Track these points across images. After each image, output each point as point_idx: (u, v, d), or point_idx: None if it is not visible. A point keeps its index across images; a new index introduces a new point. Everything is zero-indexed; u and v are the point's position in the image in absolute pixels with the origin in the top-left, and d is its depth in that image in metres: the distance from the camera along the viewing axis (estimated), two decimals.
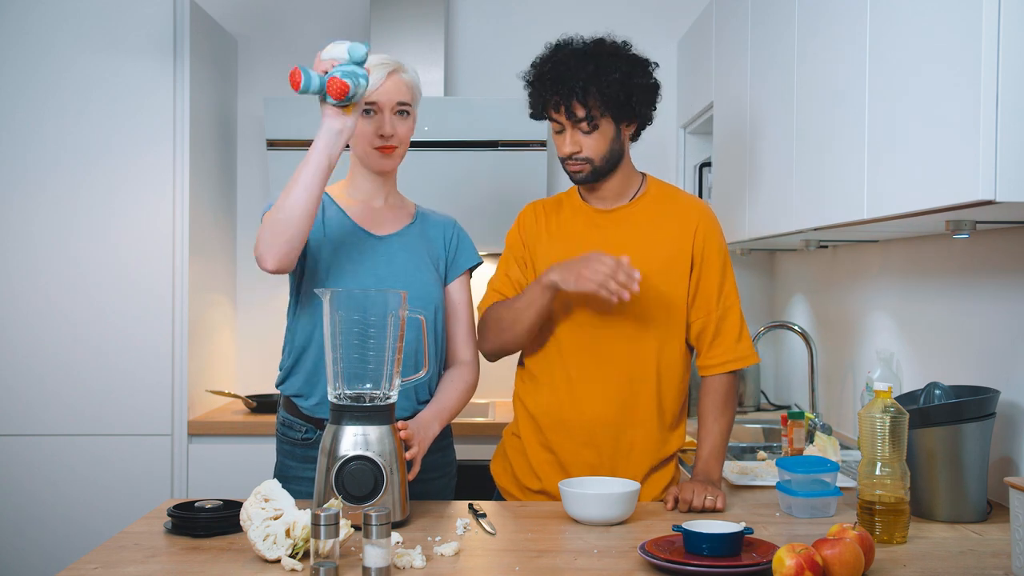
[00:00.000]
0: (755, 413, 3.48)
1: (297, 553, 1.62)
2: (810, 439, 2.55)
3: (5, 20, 3.15)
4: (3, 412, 3.15)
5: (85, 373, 3.16)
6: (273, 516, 1.63)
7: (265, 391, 3.56)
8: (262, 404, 3.37)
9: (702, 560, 1.55)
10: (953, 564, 1.62)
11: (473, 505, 1.98)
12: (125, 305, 3.18)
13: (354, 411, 1.81)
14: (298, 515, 1.63)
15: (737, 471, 2.31)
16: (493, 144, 3.35)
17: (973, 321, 2.18)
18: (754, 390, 3.54)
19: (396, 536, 1.70)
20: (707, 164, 3.48)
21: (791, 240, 2.74)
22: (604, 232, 2.12)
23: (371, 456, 1.78)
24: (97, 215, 3.17)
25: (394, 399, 1.87)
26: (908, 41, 1.73)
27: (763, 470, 2.31)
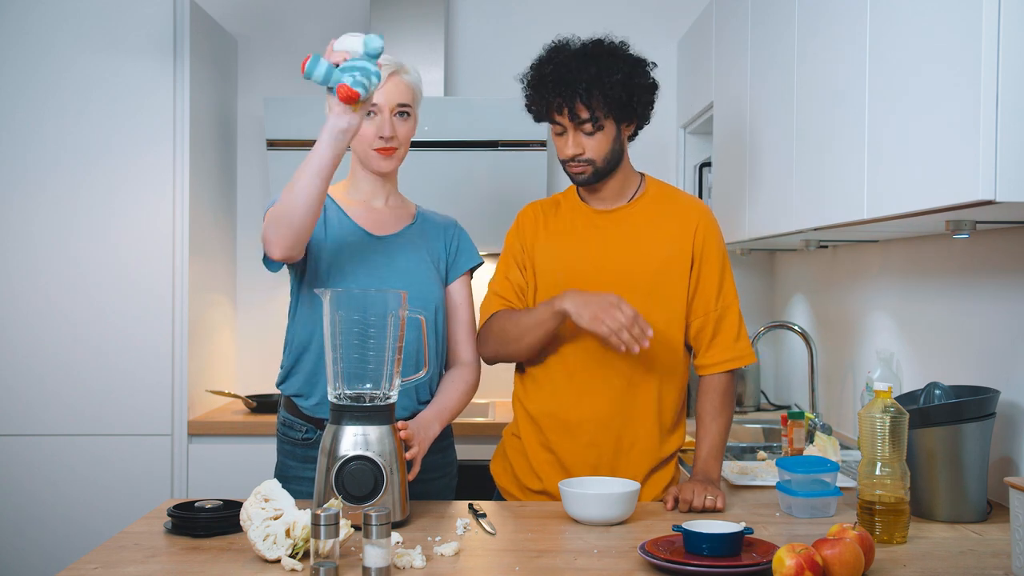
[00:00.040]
0: (755, 413, 3.48)
1: (297, 553, 1.62)
2: (810, 439, 2.55)
3: (5, 20, 3.15)
4: (3, 412, 3.15)
5: (85, 373, 3.16)
6: (273, 516, 1.63)
7: (265, 391, 3.56)
8: (262, 404, 3.36)
9: (702, 560, 1.55)
10: (953, 564, 1.62)
11: (473, 505, 1.98)
12: (125, 305, 3.18)
13: (354, 411, 1.81)
14: (298, 515, 1.63)
15: (737, 471, 2.31)
16: (493, 144, 3.35)
17: (973, 321, 2.18)
18: (754, 390, 3.54)
19: (396, 536, 1.70)
20: (707, 164, 3.48)
21: (791, 240, 2.74)
22: (604, 232, 2.12)
23: (371, 456, 1.78)
24: (97, 215, 3.17)
25: (394, 399, 1.87)
26: (908, 41, 1.73)
27: (763, 470, 2.31)
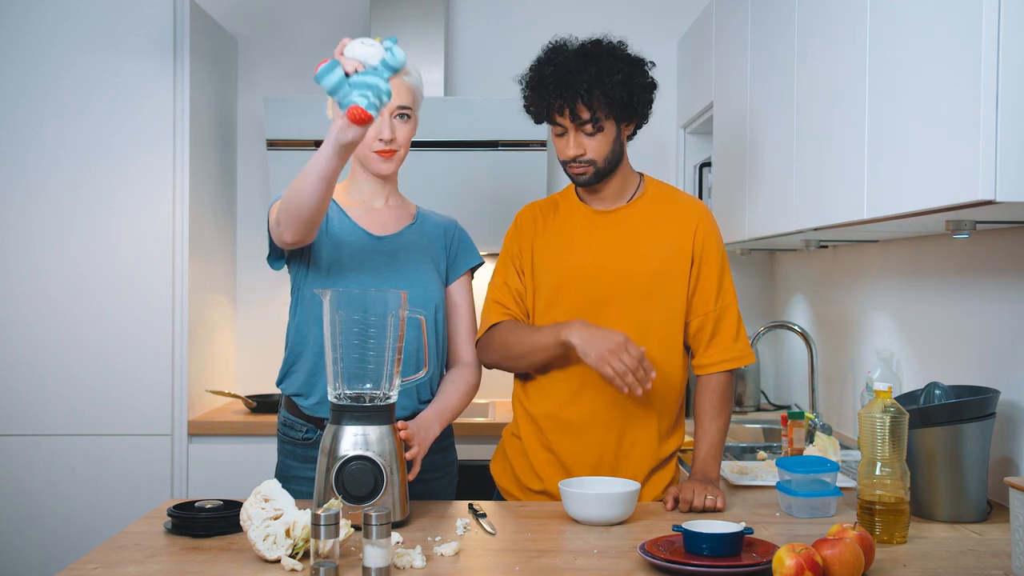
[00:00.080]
0: (755, 413, 3.47)
1: (297, 553, 1.62)
2: (810, 439, 2.55)
3: (5, 20, 3.15)
4: (3, 412, 3.15)
5: (85, 373, 3.16)
6: (273, 516, 1.63)
7: (265, 391, 3.56)
8: (262, 404, 3.36)
9: (702, 560, 1.55)
10: (953, 564, 1.62)
11: (473, 505, 1.98)
12: (125, 305, 3.17)
13: (354, 411, 1.81)
14: (298, 515, 1.63)
15: (737, 471, 2.31)
16: (493, 144, 3.35)
17: (973, 321, 2.18)
18: (754, 390, 3.54)
19: (396, 536, 1.70)
20: (707, 164, 3.48)
21: (791, 240, 2.74)
22: (604, 233, 2.12)
23: (371, 456, 1.78)
24: (97, 215, 3.17)
25: (394, 399, 1.87)
26: (908, 41, 1.73)
27: (763, 470, 2.31)
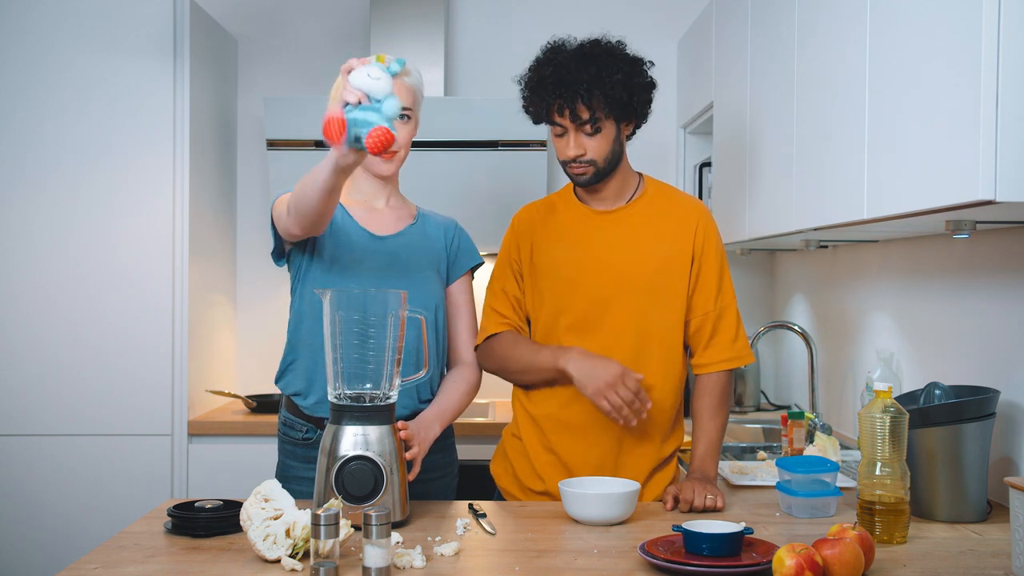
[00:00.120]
0: (755, 413, 3.47)
1: (297, 553, 1.62)
2: (810, 439, 2.55)
3: (5, 20, 3.15)
4: (3, 412, 3.15)
5: (85, 373, 3.16)
6: (273, 516, 1.63)
7: (265, 391, 3.55)
8: (262, 404, 3.36)
9: (702, 560, 1.55)
10: (953, 564, 1.62)
11: (473, 505, 1.98)
12: (125, 305, 3.17)
13: (354, 411, 1.81)
14: (298, 515, 1.63)
15: (737, 471, 2.31)
16: (493, 144, 3.35)
17: (973, 321, 2.18)
18: (754, 390, 3.54)
19: (396, 536, 1.70)
20: (707, 164, 3.48)
21: (791, 240, 2.74)
22: (605, 233, 2.12)
23: (371, 456, 1.78)
24: (97, 215, 3.17)
25: (394, 399, 1.87)
26: (908, 41, 1.73)
27: (763, 470, 2.31)
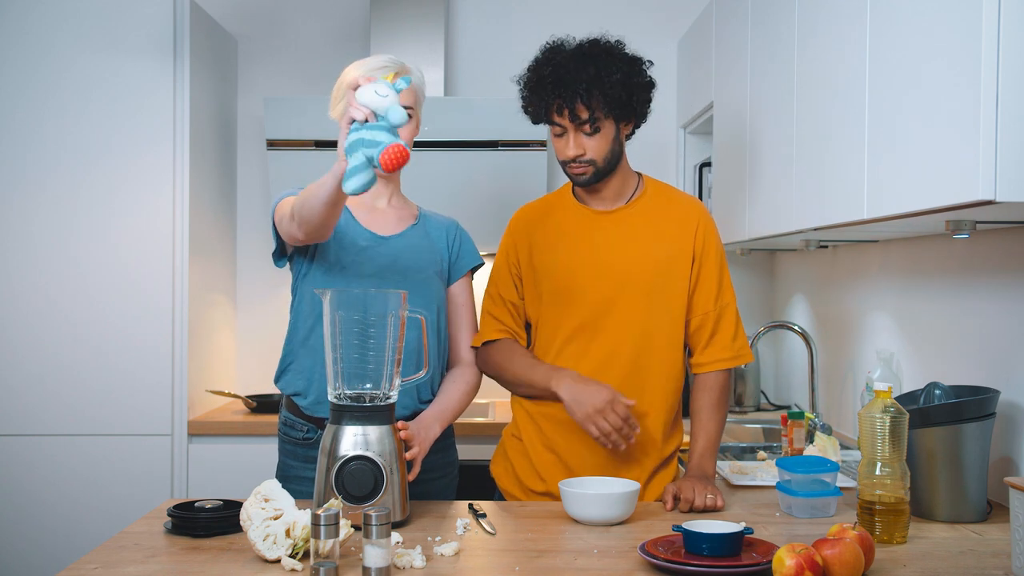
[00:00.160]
0: (755, 413, 3.47)
1: (297, 553, 1.62)
2: (810, 439, 2.55)
3: (5, 20, 3.15)
4: (3, 412, 3.15)
5: (85, 373, 3.16)
6: (273, 516, 1.63)
7: (265, 391, 3.55)
8: (262, 404, 3.36)
9: (702, 560, 1.55)
10: (953, 564, 1.62)
11: (473, 505, 1.98)
12: (125, 305, 3.17)
13: (354, 411, 1.82)
14: (298, 515, 1.63)
15: (737, 471, 2.31)
16: (493, 144, 3.35)
17: (973, 321, 2.18)
18: (754, 390, 3.54)
19: (396, 536, 1.70)
20: (707, 164, 3.48)
21: (791, 240, 2.74)
22: (606, 233, 2.12)
23: (371, 456, 1.78)
24: (97, 215, 3.17)
25: (394, 399, 1.87)
26: (908, 41, 1.73)
27: (763, 470, 2.31)
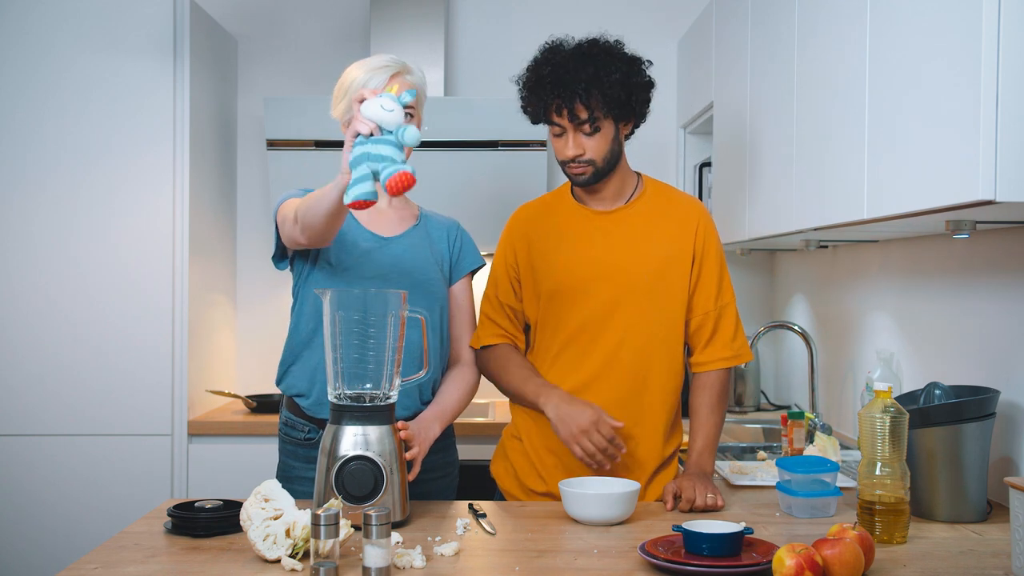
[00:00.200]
0: (755, 413, 3.47)
1: (297, 553, 1.62)
2: (810, 439, 2.55)
3: (5, 20, 3.15)
4: (3, 412, 3.14)
5: (85, 373, 3.16)
6: (273, 516, 1.63)
7: (265, 391, 3.55)
8: (262, 404, 3.36)
9: (702, 560, 1.55)
10: (953, 564, 1.62)
11: (473, 505, 1.98)
12: (125, 305, 3.17)
13: (354, 411, 1.82)
14: (298, 515, 1.63)
15: (737, 471, 2.31)
16: (493, 144, 3.35)
17: (973, 321, 2.18)
18: (754, 390, 3.54)
19: (396, 536, 1.70)
20: (707, 164, 3.48)
21: (791, 240, 2.74)
22: (606, 233, 2.12)
23: (371, 456, 1.78)
24: (97, 215, 3.17)
25: (394, 399, 1.87)
26: (908, 41, 1.73)
27: (763, 470, 2.31)
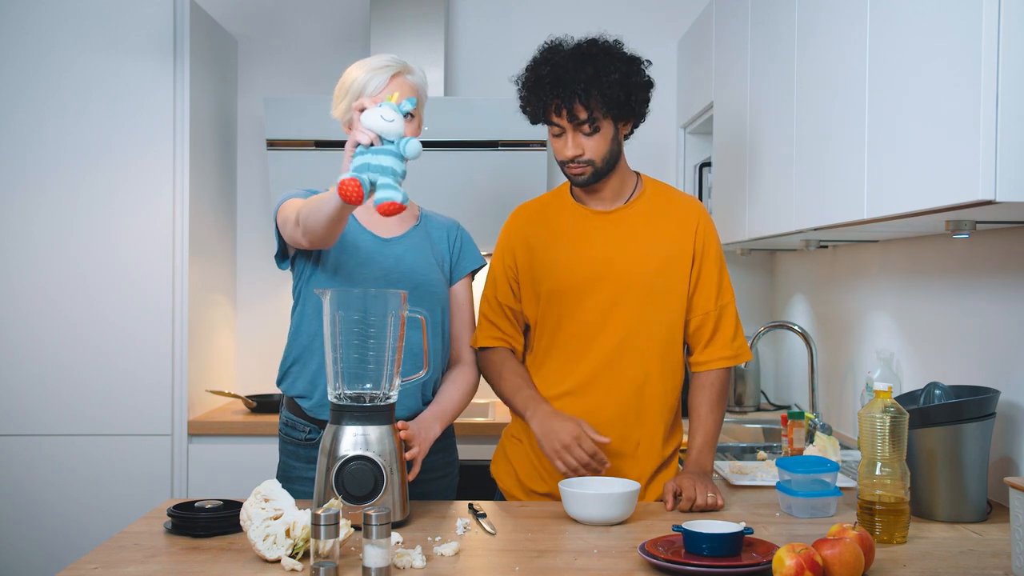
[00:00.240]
0: (755, 413, 3.47)
1: (297, 553, 1.62)
2: (810, 439, 2.55)
3: (5, 20, 3.15)
4: (3, 412, 3.15)
5: (85, 373, 3.16)
6: (273, 516, 1.63)
7: (265, 391, 3.55)
8: (262, 404, 3.36)
9: (702, 560, 1.55)
10: (953, 564, 1.62)
11: (473, 505, 1.98)
12: (125, 305, 3.17)
13: (354, 411, 1.82)
14: (298, 515, 1.63)
15: (736, 471, 2.31)
16: (493, 144, 3.35)
17: (973, 321, 2.18)
18: (754, 390, 3.54)
19: (396, 536, 1.70)
20: (707, 164, 3.48)
21: (791, 240, 2.74)
22: (605, 233, 2.12)
23: (371, 456, 1.78)
24: (97, 215, 3.17)
25: (394, 399, 1.87)
26: (908, 41, 1.73)
27: (763, 470, 2.31)
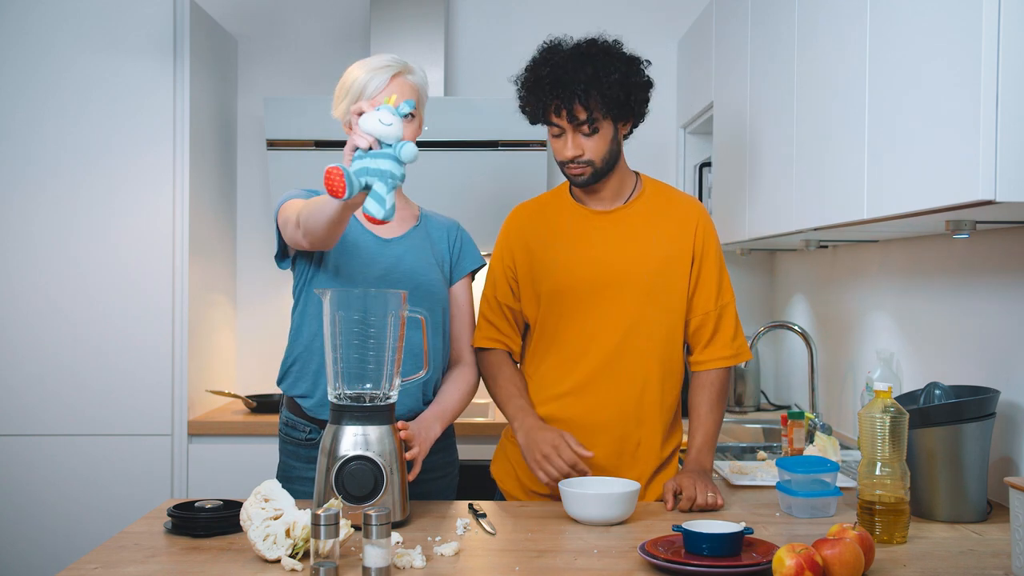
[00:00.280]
0: (755, 413, 3.47)
1: (297, 553, 1.62)
2: (810, 439, 2.55)
3: (5, 20, 3.15)
4: (3, 412, 3.14)
5: (85, 373, 3.16)
6: (273, 516, 1.63)
7: (265, 391, 3.56)
8: (262, 404, 3.36)
9: (702, 560, 1.55)
10: (953, 564, 1.63)
11: (473, 505, 1.98)
12: (125, 305, 3.17)
13: (354, 411, 1.82)
14: (298, 515, 1.63)
15: (736, 471, 2.31)
16: (493, 144, 3.35)
17: (973, 321, 2.18)
18: (754, 390, 3.54)
19: (396, 536, 1.70)
20: (707, 164, 3.48)
21: (791, 240, 2.74)
22: (605, 233, 2.12)
23: (371, 456, 1.78)
24: (97, 215, 3.17)
25: (394, 399, 1.87)
26: (908, 41, 1.73)
27: (763, 470, 2.31)
